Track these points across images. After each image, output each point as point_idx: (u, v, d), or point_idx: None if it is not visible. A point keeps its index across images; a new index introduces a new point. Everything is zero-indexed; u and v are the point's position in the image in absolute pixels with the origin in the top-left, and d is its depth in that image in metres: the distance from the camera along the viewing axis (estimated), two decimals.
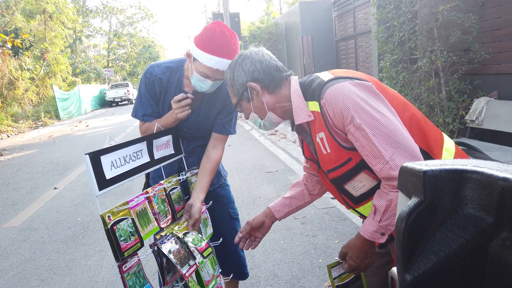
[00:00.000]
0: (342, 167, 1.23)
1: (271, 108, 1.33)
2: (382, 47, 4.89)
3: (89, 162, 1.36)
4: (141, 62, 38.43)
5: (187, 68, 1.79)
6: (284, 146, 7.26)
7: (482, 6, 3.90)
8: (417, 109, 1.29)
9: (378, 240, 1.20)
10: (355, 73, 1.26)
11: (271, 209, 1.63)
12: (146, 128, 1.89)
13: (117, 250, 1.40)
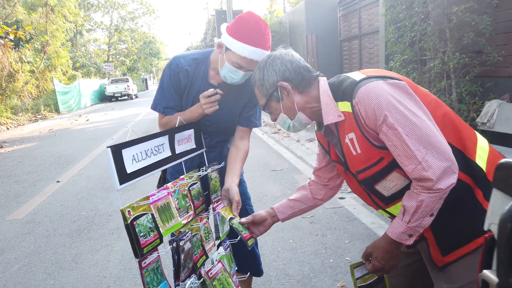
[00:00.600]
0: (374, 167, 1.21)
1: (301, 108, 1.32)
2: (392, 47, 4.87)
3: (110, 155, 1.33)
4: (142, 57, 38.33)
5: (213, 59, 1.76)
6: (287, 145, 7.23)
7: (496, 8, 3.88)
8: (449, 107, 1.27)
9: (405, 242, 1.18)
10: (387, 72, 1.25)
11: (275, 210, 1.64)
12: (166, 121, 1.86)
13: (136, 246, 1.36)
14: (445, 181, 1.07)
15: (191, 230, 1.66)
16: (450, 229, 1.20)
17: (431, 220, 1.14)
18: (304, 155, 6.30)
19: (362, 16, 9.49)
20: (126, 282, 2.85)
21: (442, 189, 1.08)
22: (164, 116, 1.86)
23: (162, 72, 1.86)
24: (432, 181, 1.07)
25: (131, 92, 27.56)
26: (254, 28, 1.55)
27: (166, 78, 1.80)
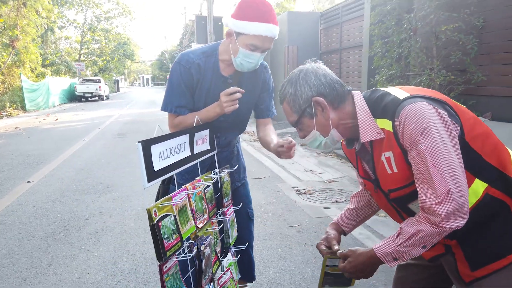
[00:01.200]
0: (409, 187, 1.19)
1: (335, 125, 1.26)
2: (379, 62, 5.00)
3: (141, 151, 1.27)
4: (115, 58, 37.45)
5: (222, 51, 1.73)
6: (268, 154, 7.22)
7: (481, 29, 4.08)
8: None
9: (387, 263, 1.18)
10: (428, 91, 1.22)
11: (338, 223, 1.53)
12: (179, 121, 1.80)
13: (161, 249, 1.30)
14: (452, 222, 1.07)
15: (208, 234, 1.60)
16: (482, 244, 1.19)
17: (421, 252, 1.15)
18: (286, 164, 6.32)
19: (343, 30, 9.72)
20: None
21: (445, 228, 1.08)
22: (176, 116, 1.80)
23: (170, 71, 1.80)
24: (439, 217, 1.07)
25: (103, 93, 26.84)
26: (261, 6, 1.55)
27: (176, 76, 1.75)
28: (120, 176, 5.71)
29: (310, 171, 5.80)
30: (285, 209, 4.20)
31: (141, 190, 4.97)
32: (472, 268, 1.20)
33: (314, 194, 4.68)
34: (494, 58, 4.07)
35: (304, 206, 4.27)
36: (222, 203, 1.81)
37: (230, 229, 1.85)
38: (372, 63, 5.28)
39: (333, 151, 6.82)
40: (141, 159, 1.28)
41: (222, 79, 1.78)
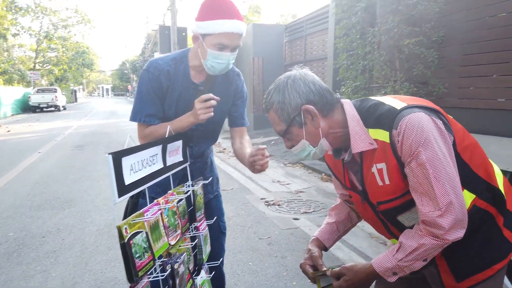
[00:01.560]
0: (400, 199, 1.16)
1: (325, 134, 1.20)
2: (344, 74, 5.11)
3: (111, 163, 1.18)
4: (73, 67, 36.13)
5: (192, 57, 1.68)
6: (235, 165, 7.16)
7: (441, 44, 4.27)
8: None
9: (387, 279, 1.14)
10: (422, 100, 1.20)
11: (320, 239, 1.46)
12: (150, 131, 1.71)
13: (132, 269, 1.20)
14: (454, 233, 1.06)
15: (181, 251, 1.51)
16: (467, 255, 1.17)
17: (421, 265, 1.12)
18: (253, 175, 6.26)
19: (307, 43, 9.92)
20: None
21: (448, 240, 1.07)
22: (147, 126, 1.71)
23: (139, 79, 1.73)
24: (443, 230, 1.05)
25: (59, 103, 25.75)
26: (223, 3, 1.52)
27: (145, 83, 1.68)
28: (80, 190, 5.42)
29: (277, 182, 5.78)
30: (254, 221, 4.14)
31: (102, 204, 4.74)
32: (457, 279, 1.19)
33: (283, 205, 4.66)
34: (453, 71, 4.27)
35: (274, 218, 4.22)
36: (195, 217, 1.72)
37: (203, 244, 1.77)
38: (337, 75, 5.37)
39: (299, 162, 6.86)
40: (112, 172, 1.19)
41: (193, 86, 1.72)
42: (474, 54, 4.06)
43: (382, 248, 3.39)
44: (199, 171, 1.86)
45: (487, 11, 3.93)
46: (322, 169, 6.14)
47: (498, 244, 1.17)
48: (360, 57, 4.84)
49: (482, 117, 3.94)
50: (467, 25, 4.13)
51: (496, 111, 3.88)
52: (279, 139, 9.31)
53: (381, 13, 4.57)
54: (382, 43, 4.56)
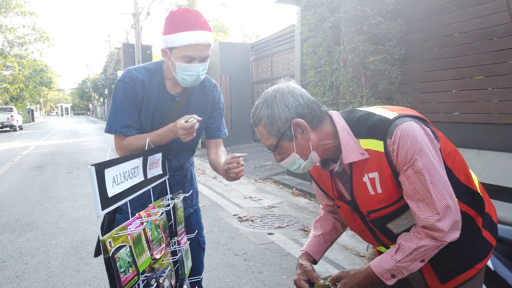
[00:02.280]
0: (390, 207, 1.19)
1: (315, 147, 1.20)
2: (312, 90, 5.24)
3: (94, 175, 1.14)
4: (30, 86, 34.72)
5: (167, 68, 1.66)
6: (205, 182, 7.08)
7: (403, 61, 4.50)
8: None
9: (385, 281, 1.16)
10: (408, 110, 1.24)
11: (309, 253, 1.45)
12: (128, 143, 1.65)
13: (118, 285, 1.15)
14: (452, 235, 1.10)
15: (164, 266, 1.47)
16: (450, 257, 1.21)
17: (419, 266, 1.15)
18: (224, 192, 6.23)
19: (274, 61, 10.12)
20: None
21: (446, 242, 1.11)
22: (124, 137, 1.66)
23: (114, 90, 1.69)
24: (443, 233, 1.09)
25: (15, 123, 24.62)
26: (187, 14, 1.52)
27: (120, 94, 1.64)
28: (42, 212, 5.15)
29: (249, 197, 5.77)
30: (228, 237, 4.09)
31: (67, 226, 4.52)
32: (442, 281, 1.22)
33: (256, 220, 4.64)
34: (415, 87, 4.50)
35: (248, 233, 4.19)
36: (176, 231, 1.69)
37: (185, 259, 1.73)
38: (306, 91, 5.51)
39: (270, 178, 6.89)
40: (94, 184, 1.15)
41: (169, 97, 1.70)
42: (434, 71, 4.31)
43: (357, 259, 3.45)
44: (178, 184, 1.83)
45: (443, 31, 4.20)
46: (293, 184, 6.20)
47: (479, 245, 1.22)
48: (327, 74, 4.99)
49: (443, 130, 4.14)
50: (426, 44, 4.39)
51: (456, 124, 4.11)
52: (248, 155, 9.33)
53: (346, 32, 4.77)
54: (348, 61, 4.74)
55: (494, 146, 3.67)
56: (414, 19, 4.49)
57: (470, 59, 3.93)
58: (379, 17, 4.39)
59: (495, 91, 3.72)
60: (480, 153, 3.72)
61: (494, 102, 3.74)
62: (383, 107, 1.24)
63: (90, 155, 11.45)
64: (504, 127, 3.65)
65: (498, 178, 3.48)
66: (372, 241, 1.37)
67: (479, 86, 3.90)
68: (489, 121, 3.78)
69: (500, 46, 3.65)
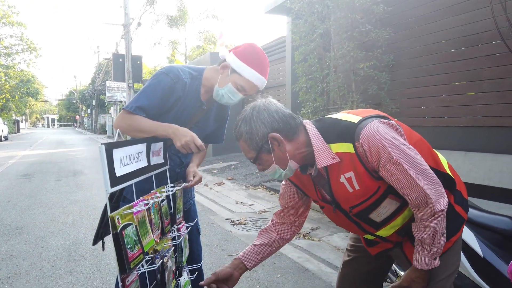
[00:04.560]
0: (370, 199, 1.30)
1: (292, 156, 1.32)
2: (304, 96, 5.34)
3: (104, 154, 1.19)
4: (16, 96, 34.29)
5: (207, 77, 1.75)
6: (196, 188, 7.06)
7: (392, 68, 4.63)
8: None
9: (434, 266, 1.28)
10: (371, 111, 1.36)
11: (241, 259, 1.58)
12: (132, 122, 1.63)
13: (125, 259, 1.19)
14: (441, 201, 1.23)
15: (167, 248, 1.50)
16: None
17: (445, 238, 1.28)
18: (216, 198, 6.24)
19: None
20: None
21: (443, 210, 1.23)
22: (132, 115, 1.64)
23: (154, 77, 1.70)
24: (432, 203, 1.21)
25: (0, 133, 24.24)
26: (263, 58, 1.66)
27: (157, 84, 1.66)
28: (31, 217, 5.08)
29: (241, 203, 5.79)
30: (221, 240, 4.10)
31: (58, 230, 4.48)
32: None
33: (249, 224, 4.66)
34: (403, 92, 4.63)
35: (241, 236, 4.21)
36: (175, 219, 1.72)
37: (183, 247, 1.76)
38: (297, 98, 5.60)
39: (261, 184, 6.92)
40: (104, 162, 1.19)
41: (199, 104, 1.77)
42: (421, 77, 4.44)
43: None
44: (183, 178, 1.88)
45: (430, 39, 4.35)
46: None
47: (452, 219, 1.34)
48: (318, 80, 5.10)
49: (431, 134, 4.27)
50: (413, 51, 4.53)
51: (443, 128, 4.23)
52: (239, 163, 9.36)
53: (336, 39, 4.90)
54: (339, 67, 4.85)
55: (480, 148, 3.79)
56: (402, 27, 4.64)
57: (456, 65, 4.08)
58: (369, 25, 4.53)
59: (480, 95, 3.86)
60: (467, 154, 3.83)
61: (480, 106, 3.87)
62: (348, 112, 1.37)
63: (78, 164, 11.33)
64: (489, 129, 3.78)
65: (485, 178, 3.59)
66: (358, 232, 1.48)
67: (465, 90, 4.04)
68: (475, 124, 3.91)
69: (485, 52, 3.80)
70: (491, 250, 1.81)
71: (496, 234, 1.83)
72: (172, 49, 20.60)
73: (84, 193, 6.80)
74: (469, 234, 1.83)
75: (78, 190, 7.10)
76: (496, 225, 1.84)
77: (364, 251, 1.61)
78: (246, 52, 1.64)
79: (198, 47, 21.19)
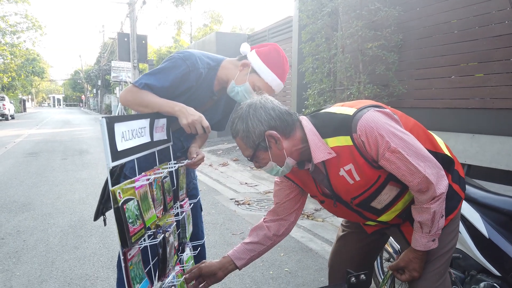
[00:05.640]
0: (371, 188, 1.30)
1: (289, 153, 1.31)
2: (310, 77, 5.26)
3: (105, 127, 1.16)
4: (22, 75, 34.31)
5: (224, 69, 1.70)
6: (201, 169, 7.10)
7: (401, 48, 4.54)
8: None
9: (432, 247, 1.29)
10: (364, 101, 1.34)
11: (231, 257, 1.56)
12: (138, 96, 1.60)
13: (126, 233, 1.19)
14: (442, 184, 1.22)
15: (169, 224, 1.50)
16: None
17: (443, 220, 1.29)
18: (220, 178, 6.26)
19: None
20: None
21: (443, 193, 1.23)
22: (139, 90, 1.60)
23: (169, 59, 1.66)
24: (433, 187, 1.20)
25: (7, 112, 24.40)
26: (285, 63, 1.64)
27: (172, 67, 1.62)
28: (38, 194, 5.14)
29: (245, 183, 5.81)
30: (226, 219, 4.13)
31: (64, 207, 4.53)
32: None
33: (253, 204, 4.68)
34: (411, 73, 4.54)
35: (245, 215, 4.24)
36: (178, 196, 1.72)
37: (186, 223, 1.77)
38: (303, 79, 5.53)
39: None
40: (105, 136, 1.17)
41: (210, 94, 1.75)
42: (430, 57, 4.35)
43: None
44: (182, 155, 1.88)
45: (441, 18, 4.24)
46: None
47: (450, 198, 1.34)
48: (325, 60, 5.02)
49: (439, 116, 4.21)
50: (424, 31, 4.43)
51: (451, 110, 4.17)
52: None
53: (344, 18, 4.80)
54: (347, 47, 4.77)
55: (488, 130, 3.74)
56: (412, 6, 4.53)
57: (467, 46, 3.98)
58: (378, 4, 4.42)
59: (490, 77, 3.78)
60: (475, 137, 3.79)
61: (489, 88, 3.80)
62: (343, 105, 1.35)
63: (84, 143, 11.40)
64: (498, 111, 3.72)
65: (492, 161, 3.55)
66: (360, 220, 1.48)
67: (474, 72, 3.96)
68: (484, 106, 3.84)
69: (497, 32, 3.70)
70: (496, 231, 1.80)
71: (502, 215, 1.81)
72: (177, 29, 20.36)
73: (90, 171, 6.86)
74: (475, 214, 1.82)
75: (84, 168, 7.16)
76: (502, 206, 1.82)
77: (359, 227, 1.61)
78: (270, 55, 1.61)
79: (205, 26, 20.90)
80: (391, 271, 1.44)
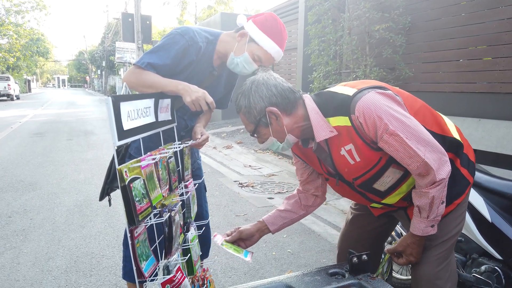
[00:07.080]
0: (372, 169, 1.30)
1: (290, 130, 1.33)
2: (315, 59, 5.21)
3: (111, 106, 1.17)
4: (27, 55, 34.23)
5: (222, 43, 1.68)
6: (205, 151, 7.13)
7: (408, 30, 4.47)
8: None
9: (430, 233, 1.28)
10: (367, 81, 1.33)
11: (265, 222, 1.62)
12: (142, 76, 1.60)
13: (133, 211, 1.20)
14: (443, 170, 1.20)
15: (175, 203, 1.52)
16: None
17: (444, 206, 1.27)
18: (224, 160, 6.29)
19: None
20: (46, 285, 2.45)
21: (444, 179, 1.21)
22: (142, 71, 1.61)
23: (168, 36, 1.65)
24: (433, 172, 1.18)
25: (12, 92, 24.45)
26: (283, 30, 1.62)
27: (171, 44, 1.62)
28: (44, 174, 5.20)
29: (249, 166, 5.83)
30: (229, 201, 4.17)
31: (70, 187, 4.58)
32: None
33: (257, 186, 4.72)
34: (419, 56, 4.49)
35: (248, 197, 4.27)
36: (183, 176, 1.74)
37: (191, 203, 1.79)
38: (309, 61, 5.48)
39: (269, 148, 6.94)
40: (111, 115, 1.17)
41: (210, 69, 1.73)
42: (438, 40, 4.29)
43: None
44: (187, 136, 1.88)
45: (450, 0, 4.16)
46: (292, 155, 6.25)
47: (457, 182, 1.34)
48: (331, 42, 4.96)
49: (446, 100, 4.17)
50: (432, 13, 4.35)
51: (458, 94, 4.13)
52: None
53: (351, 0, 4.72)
54: (354, 29, 4.70)
55: (494, 115, 3.70)
56: None
57: (476, 28, 3.91)
58: None
59: (499, 61, 3.73)
60: (480, 121, 3.76)
61: (498, 72, 3.74)
62: (345, 84, 1.35)
63: (89, 124, 11.45)
64: (505, 96, 3.68)
65: (498, 146, 3.53)
66: (364, 201, 1.49)
67: (483, 55, 3.90)
68: (491, 90, 3.80)
69: (507, 15, 3.63)
70: (499, 215, 1.81)
71: (505, 200, 1.81)
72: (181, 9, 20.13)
73: (95, 152, 6.91)
74: (478, 198, 1.82)
75: (89, 149, 7.21)
76: (506, 190, 1.82)
77: (367, 210, 1.62)
78: (267, 22, 1.58)
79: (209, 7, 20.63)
80: (389, 254, 1.45)
